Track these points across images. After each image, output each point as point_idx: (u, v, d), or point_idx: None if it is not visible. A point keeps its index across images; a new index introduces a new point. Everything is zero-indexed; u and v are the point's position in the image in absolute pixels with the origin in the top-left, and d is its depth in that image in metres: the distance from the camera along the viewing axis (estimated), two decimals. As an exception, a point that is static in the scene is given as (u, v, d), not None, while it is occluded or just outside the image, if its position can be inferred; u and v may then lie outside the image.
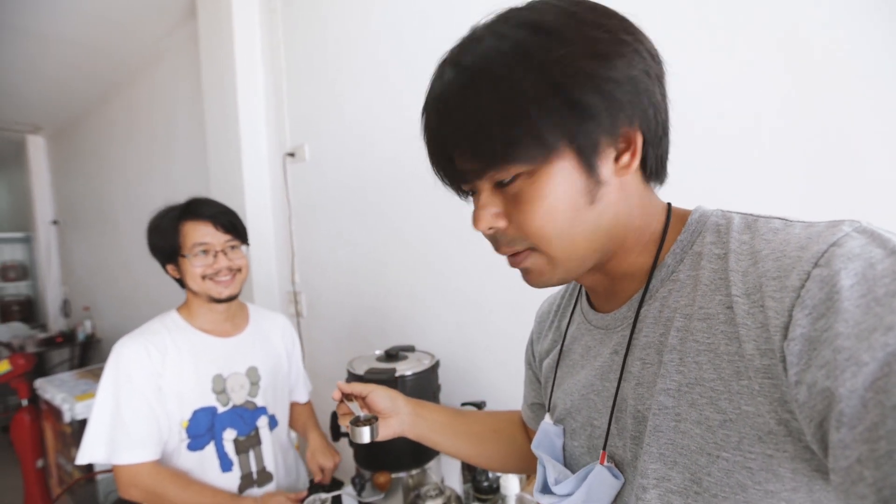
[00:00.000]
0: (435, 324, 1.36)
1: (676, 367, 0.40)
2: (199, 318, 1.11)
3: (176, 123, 2.33)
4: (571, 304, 0.58)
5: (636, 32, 0.40)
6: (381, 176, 1.45)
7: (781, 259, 0.35)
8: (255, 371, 1.14)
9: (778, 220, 0.39)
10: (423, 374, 1.11)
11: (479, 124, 0.38)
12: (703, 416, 0.38)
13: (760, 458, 0.35)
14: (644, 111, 0.39)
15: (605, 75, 0.37)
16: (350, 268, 1.55)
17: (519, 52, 0.37)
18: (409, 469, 1.09)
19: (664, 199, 0.47)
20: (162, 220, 1.07)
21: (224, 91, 1.80)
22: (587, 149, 0.38)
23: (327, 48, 1.58)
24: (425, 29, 1.29)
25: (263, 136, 1.82)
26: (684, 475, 0.39)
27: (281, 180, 1.78)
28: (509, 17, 0.40)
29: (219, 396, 1.07)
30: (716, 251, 0.40)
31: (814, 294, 0.32)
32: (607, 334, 0.49)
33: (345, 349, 1.55)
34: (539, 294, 1.19)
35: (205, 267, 1.05)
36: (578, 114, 0.37)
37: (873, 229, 0.33)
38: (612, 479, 0.45)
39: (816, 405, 0.31)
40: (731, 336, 0.36)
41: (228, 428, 1.07)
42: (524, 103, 0.37)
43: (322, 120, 1.63)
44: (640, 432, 0.43)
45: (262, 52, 1.80)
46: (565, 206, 0.40)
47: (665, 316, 0.42)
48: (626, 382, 0.45)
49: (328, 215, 1.63)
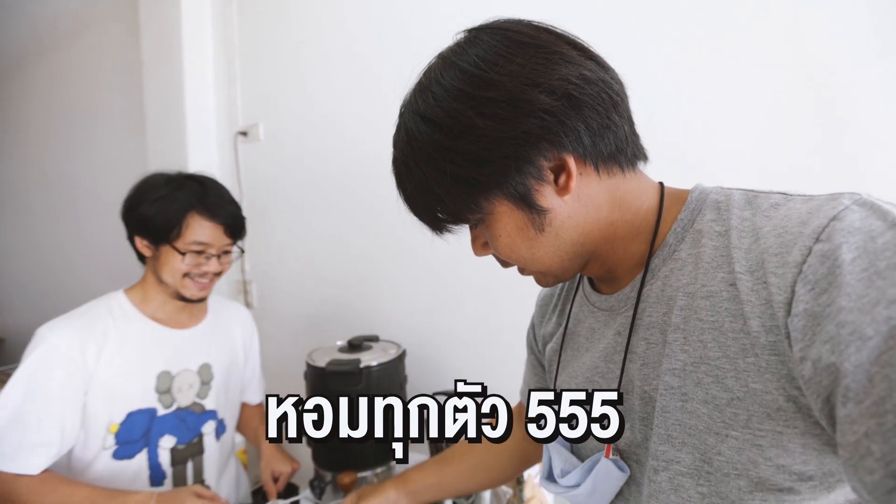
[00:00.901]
0: (400, 313, 1.30)
1: (681, 346, 0.40)
2: (153, 304, 0.96)
3: (109, 95, 2.10)
4: (574, 287, 0.58)
5: (549, 62, 0.40)
6: (346, 159, 1.38)
7: (783, 235, 0.35)
8: (208, 369, 1.01)
9: (778, 194, 0.40)
10: (388, 365, 1.05)
11: (414, 207, 0.46)
12: (710, 395, 0.38)
13: (770, 434, 0.35)
14: (568, 133, 0.40)
15: (491, 144, 0.39)
16: (309, 255, 1.45)
17: (415, 146, 0.42)
18: (374, 467, 1.02)
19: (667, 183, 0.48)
20: (168, 195, 0.90)
21: (168, 62, 1.63)
22: (515, 195, 0.41)
23: (289, 21, 1.48)
24: (398, 1, 1.24)
25: (212, 113, 1.67)
26: (694, 456, 0.39)
27: (232, 160, 1.64)
28: (410, 103, 0.44)
29: (161, 397, 0.93)
30: (717, 228, 0.40)
31: (816, 269, 0.32)
32: (611, 316, 0.48)
33: (303, 342, 1.45)
34: (506, 281, 1.16)
35: (192, 266, 0.92)
36: (474, 186, 0.41)
37: (873, 201, 0.33)
38: (617, 471, 0.44)
39: (822, 381, 0.31)
40: (735, 313, 0.36)
41: (167, 434, 0.93)
42: (433, 189, 0.42)
43: (281, 98, 1.52)
44: (649, 413, 0.42)
45: (213, 23, 1.66)
46: (520, 238, 0.44)
47: (668, 295, 0.42)
48: (631, 363, 0.44)
49: (285, 199, 1.53)
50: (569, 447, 0.52)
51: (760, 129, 0.83)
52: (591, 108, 0.40)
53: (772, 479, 0.35)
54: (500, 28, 0.42)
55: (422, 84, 0.44)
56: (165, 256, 0.91)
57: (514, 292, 1.09)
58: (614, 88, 0.42)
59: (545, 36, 0.42)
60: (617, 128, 0.41)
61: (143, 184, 0.93)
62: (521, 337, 1.11)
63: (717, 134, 0.87)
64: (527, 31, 0.42)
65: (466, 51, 0.42)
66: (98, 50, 2.15)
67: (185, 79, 1.60)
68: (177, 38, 1.59)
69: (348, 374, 1.01)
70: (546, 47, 0.40)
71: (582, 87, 0.40)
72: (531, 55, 0.40)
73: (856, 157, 0.76)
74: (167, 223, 0.89)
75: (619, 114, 0.42)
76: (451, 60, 0.42)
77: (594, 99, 0.40)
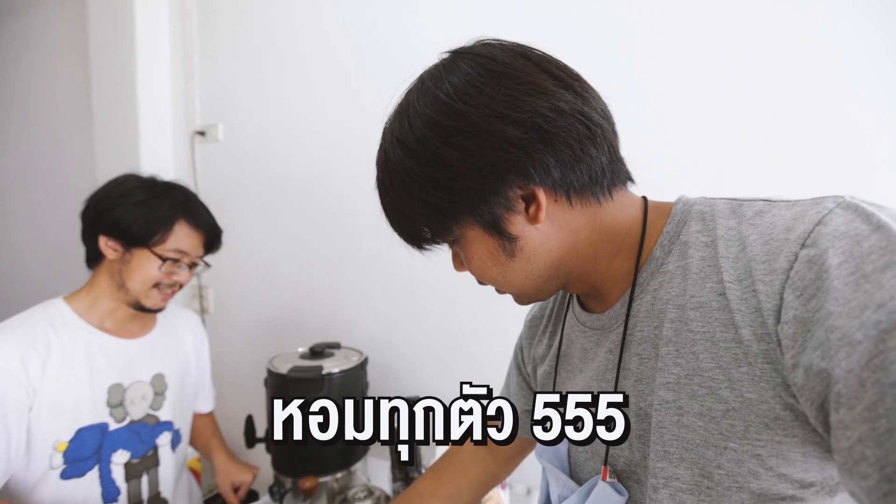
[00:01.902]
0: (362, 320, 1.31)
1: (674, 359, 0.39)
2: (100, 312, 0.91)
3: (51, 86, 1.97)
4: (564, 306, 0.57)
5: (521, 93, 0.39)
6: (310, 161, 1.37)
7: (769, 242, 0.35)
8: (161, 379, 0.98)
9: (761, 201, 0.39)
10: (350, 372, 1.07)
11: (392, 224, 0.47)
12: (705, 408, 0.37)
13: (770, 444, 0.34)
14: (536, 166, 0.39)
15: (456, 174, 0.40)
16: (269, 260, 1.43)
17: (391, 167, 0.43)
18: (335, 472, 1.04)
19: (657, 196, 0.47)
20: (151, 200, 0.88)
21: (119, 54, 1.56)
22: (484, 222, 0.42)
23: (253, 17, 1.45)
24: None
25: (168, 111, 1.62)
26: (692, 471, 0.38)
27: (188, 161, 1.60)
28: (389, 125, 0.45)
29: (113, 411, 0.89)
30: (703, 239, 0.40)
31: (803, 275, 0.32)
32: (603, 334, 0.48)
33: (262, 349, 1.43)
34: (468, 288, 1.20)
35: (165, 276, 0.89)
36: (442, 212, 0.42)
37: (857, 203, 0.33)
38: (615, 494, 0.43)
39: (815, 387, 0.30)
40: (726, 323, 0.36)
41: (120, 449, 0.90)
42: (406, 211, 0.44)
43: (242, 98, 1.49)
44: (645, 430, 0.42)
45: (170, 16, 1.60)
46: (492, 262, 0.44)
47: (658, 308, 0.42)
48: (625, 380, 0.44)
49: (245, 202, 1.50)
50: (567, 472, 0.51)
51: (738, 138, 0.88)
52: (563, 140, 0.39)
53: (773, 489, 0.35)
54: (477, 55, 0.42)
55: (401, 107, 0.44)
56: (139, 261, 0.88)
57: (476, 299, 1.13)
58: (593, 119, 0.41)
59: (521, 64, 0.41)
60: (592, 160, 0.41)
61: (118, 187, 0.90)
62: (482, 343, 1.17)
63: (695, 143, 0.91)
64: (503, 58, 0.41)
65: (443, 77, 0.42)
66: (39, 35, 2.01)
67: (137, 73, 1.53)
68: (129, 30, 1.53)
69: (310, 381, 1.02)
70: (519, 77, 0.40)
71: (553, 120, 0.39)
72: (501, 86, 0.39)
73: (840, 160, 0.81)
74: (150, 227, 0.87)
75: (595, 145, 0.41)
76: (428, 86, 0.42)
77: (566, 132, 0.39)
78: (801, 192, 0.41)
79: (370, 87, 1.24)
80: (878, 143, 0.80)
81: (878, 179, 0.80)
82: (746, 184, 0.88)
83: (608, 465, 0.45)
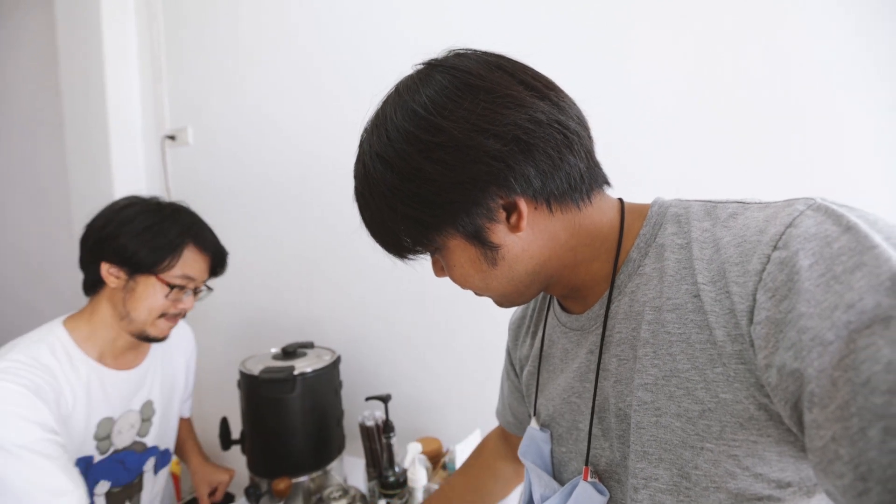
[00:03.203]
0: (336, 318, 1.31)
1: (651, 360, 0.40)
2: (99, 342, 0.86)
3: (22, 93, 1.95)
4: (545, 308, 0.58)
5: (498, 106, 0.40)
6: (284, 163, 1.36)
7: (742, 244, 0.35)
8: (150, 406, 0.96)
9: (735, 203, 0.40)
10: (323, 371, 1.07)
11: (374, 235, 0.46)
12: (682, 409, 0.37)
13: (745, 444, 0.35)
14: (517, 177, 0.40)
15: (439, 188, 0.40)
16: (244, 262, 1.43)
17: (370, 181, 0.43)
18: (310, 472, 1.04)
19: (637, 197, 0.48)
20: (158, 225, 0.84)
21: (87, 60, 1.54)
22: (466, 233, 0.42)
23: (221, 15, 1.43)
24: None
25: (138, 116, 1.60)
26: (671, 471, 0.38)
27: (159, 166, 1.58)
28: (367, 138, 0.44)
29: (100, 444, 0.86)
30: (678, 241, 0.41)
31: (775, 276, 0.32)
32: (583, 335, 0.48)
33: (236, 350, 1.43)
34: (440, 286, 1.20)
35: (172, 303, 0.86)
36: (424, 225, 0.42)
37: (827, 205, 0.33)
38: (596, 494, 0.44)
39: (788, 387, 0.31)
40: (701, 324, 0.37)
41: (102, 481, 0.87)
42: (388, 224, 0.44)
43: (212, 100, 1.48)
44: (625, 431, 0.42)
45: (136, 17, 1.58)
46: (473, 270, 0.45)
47: (635, 310, 0.42)
48: (604, 381, 0.44)
49: (217, 205, 1.49)
50: (550, 472, 0.52)
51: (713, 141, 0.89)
52: (542, 150, 0.40)
53: (750, 488, 0.35)
54: (452, 67, 0.42)
55: (378, 118, 0.44)
56: (144, 290, 0.84)
57: (448, 297, 1.13)
58: (570, 127, 0.41)
59: (497, 76, 0.41)
60: (570, 167, 0.41)
61: (121, 212, 0.85)
62: (454, 341, 1.17)
63: (677, 143, 0.92)
64: (479, 71, 0.41)
65: (419, 90, 0.42)
66: (8, 40, 1.98)
67: (106, 78, 1.51)
68: (96, 34, 1.51)
69: (282, 382, 1.02)
70: (496, 91, 0.40)
71: (532, 131, 0.39)
72: (480, 100, 0.40)
73: (805, 163, 0.83)
74: (158, 254, 0.83)
75: (573, 153, 0.41)
76: (404, 99, 0.42)
77: (545, 141, 0.40)
78: (780, 191, 0.41)
79: (344, 85, 1.23)
80: (863, 144, 0.80)
81: (861, 180, 0.80)
82: (729, 183, 0.88)
83: (590, 466, 0.46)
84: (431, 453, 1.06)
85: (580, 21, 0.98)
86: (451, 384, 1.18)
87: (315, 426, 1.05)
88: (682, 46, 0.91)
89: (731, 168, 0.89)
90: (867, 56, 0.78)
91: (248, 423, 1.07)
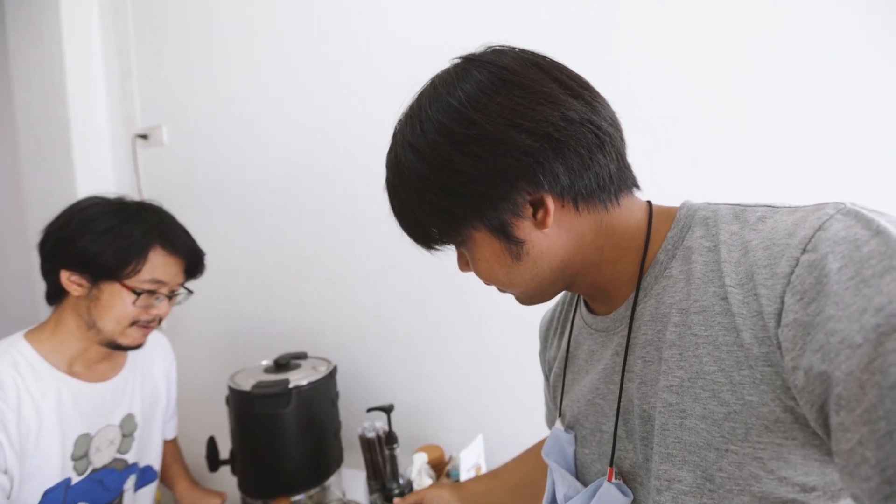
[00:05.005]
0: (329, 326, 1.26)
1: (677, 362, 0.40)
2: (67, 354, 0.80)
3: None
4: (572, 310, 0.58)
5: (532, 102, 0.40)
6: (269, 163, 1.29)
7: (771, 247, 0.36)
8: (130, 420, 0.90)
9: (764, 207, 0.40)
10: (319, 383, 1.02)
11: (402, 226, 0.47)
12: (708, 411, 0.38)
13: (770, 447, 0.35)
14: (546, 173, 0.40)
15: (467, 180, 0.41)
16: (227, 268, 1.35)
17: (402, 170, 0.44)
18: (307, 489, 0.99)
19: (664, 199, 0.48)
20: (121, 226, 0.77)
21: (44, 55, 1.43)
22: (492, 226, 0.43)
23: (191, 8, 1.35)
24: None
25: (104, 115, 1.50)
26: (695, 474, 0.38)
27: (130, 167, 1.48)
28: (401, 128, 0.45)
29: (77, 464, 0.79)
30: (706, 244, 0.41)
31: (803, 279, 0.32)
32: (608, 336, 0.49)
33: (223, 363, 1.35)
34: (440, 290, 1.17)
35: (143, 310, 0.79)
36: (452, 216, 0.43)
37: (857, 209, 0.34)
38: (620, 496, 0.44)
39: (815, 389, 0.31)
40: (728, 326, 0.37)
41: (80, 502, 0.81)
42: (416, 214, 0.45)
43: (189, 97, 1.40)
44: (649, 433, 0.42)
45: (100, 13, 1.48)
46: (498, 265, 0.45)
47: (661, 312, 0.42)
48: (629, 382, 0.45)
49: (196, 209, 1.40)
50: (573, 471, 0.52)
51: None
52: (572, 148, 0.40)
53: (775, 492, 0.35)
54: (489, 62, 0.43)
55: (413, 110, 0.45)
56: (110, 298, 0.78)
57: (448, 301, 1.10)
58: (602, 127, 0.42)
59: (532, 73, 0.42)
60: (600, 167, 0.42)
61: (80, 213, 0.79)
62: (455, 346, 1.14)
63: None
64: (515, 67, 0.42)
65: (455, 84, 0.42)
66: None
67: (66, 75, 1.40)
68: (55, 26, 1.40)
69: (276, 397, 0.97)
70: (530, 87, 0.41)
71: (563, 129, 0.40)
72: (514, 95, 0.40)
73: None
74: (122, 258, 0.76)
75: (604, 153, 0.42)
76: (440, 92, 0.43)
77: (576, 140, 0.40)
78: (780, 191, 0.41)
79: (332, 77, 1.18)
80: (863, 144, 0.82)
81: (861, 180, 0.82)
82: (729, 183, 0.89)
83: (614, 467, 0.46)
84: (434, 461, 1.03)
85: (580, 21, 0.98)
86: (451, 390, 1.15)
87: (312, 441, 1.01)
88: (683, 46, 0.91)
89: (732, 168, 0.90)
90: (868, 55, 0.81)
91: (238, 441, 1.01)
